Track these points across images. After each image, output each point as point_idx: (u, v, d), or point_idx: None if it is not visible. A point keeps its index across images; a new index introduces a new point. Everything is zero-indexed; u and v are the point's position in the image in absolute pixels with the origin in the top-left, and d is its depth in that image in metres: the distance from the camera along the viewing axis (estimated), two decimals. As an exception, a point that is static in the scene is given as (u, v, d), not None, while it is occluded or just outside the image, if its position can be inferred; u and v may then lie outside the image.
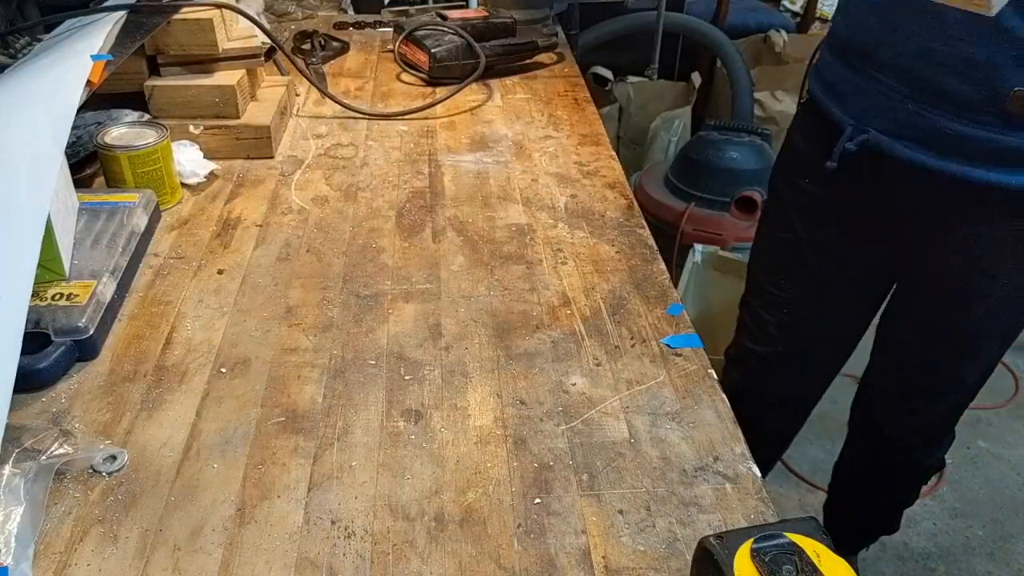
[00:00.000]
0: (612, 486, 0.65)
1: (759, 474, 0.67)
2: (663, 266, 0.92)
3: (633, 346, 0.79)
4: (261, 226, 0.99)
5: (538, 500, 0.63)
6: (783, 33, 2.71)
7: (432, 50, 1.38)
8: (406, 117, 1.29)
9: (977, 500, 1.88)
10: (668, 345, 0.79)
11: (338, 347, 0.79)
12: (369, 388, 0.74)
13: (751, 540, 0.51)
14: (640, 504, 0.63)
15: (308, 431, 0.69)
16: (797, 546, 0.51)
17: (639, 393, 0.74)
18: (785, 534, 0.52)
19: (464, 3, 1.78)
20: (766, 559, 0.50)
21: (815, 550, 0.51)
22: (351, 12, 1.82)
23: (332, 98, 1.29)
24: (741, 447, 0.69)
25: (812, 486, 1.91)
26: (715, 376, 0.76)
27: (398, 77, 1.46)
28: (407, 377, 0.75)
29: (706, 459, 0.68)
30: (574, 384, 0.74)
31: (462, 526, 0.61)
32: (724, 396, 0.74)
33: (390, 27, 1.63)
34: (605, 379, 0.75)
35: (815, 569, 0.50)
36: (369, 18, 1.75)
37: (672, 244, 1.98)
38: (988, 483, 1.92)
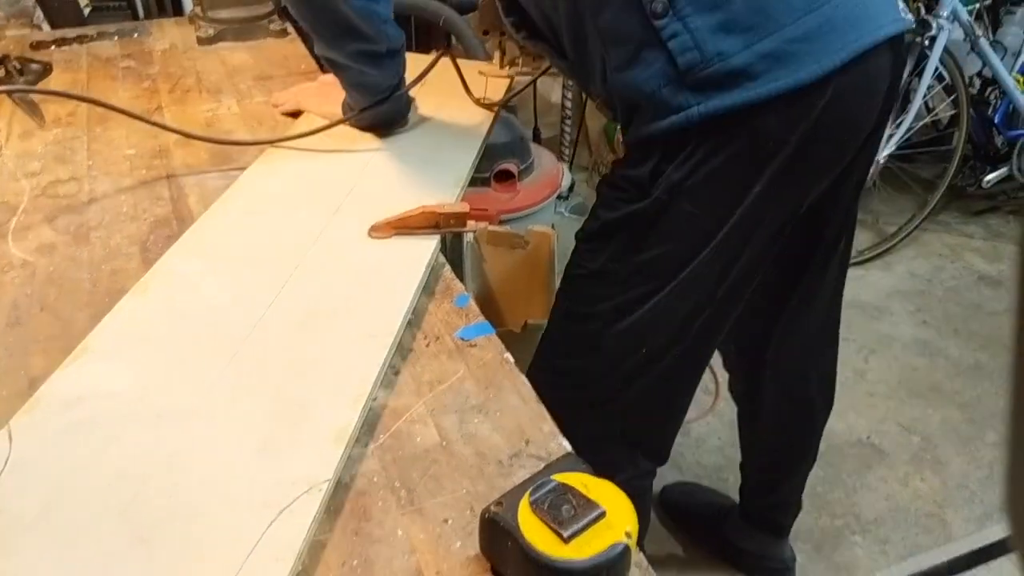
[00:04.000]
0: (432, 495, 0.63)
1: (570, 447, 0.68)
2: (441, 258, 0.90)
3: (428, 346, 0.78)
4: (-23, 290, 0.85)
5: (358, 532, 0.59)
6: (509, 5, 2.78)
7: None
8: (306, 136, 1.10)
9: (750, 410, 2.08)
10: (462, 338, 0.78)
11: (101, 413, 0.69)
12: (147, 452, 0.66)
13: (526, 495, 0.55)
14: (463, 507, 0.62)
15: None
16: (566, 484, 0.56)
17: (442, 393, 0.72)
18: (552, 477, 0.56)
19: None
20: (545, 507, 0.54)
21: (583, 482, 0.56)
22: (46, 28, 1.61)
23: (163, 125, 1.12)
24: (548, 425, 0.70)
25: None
26: (511, 360, 0.76)
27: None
28: (189, 430, 0.68)
29: (518, 445, 0.68)
30: (375, 398, 0.71)
31: (283, 580, 0.56)
32: (524, 378, 0.74)
33: (96, 40, 1.45)
34: (406, 386, 0.73)
35: (588, 500, 0.55)
36: (72, 33, 1.56)
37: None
38: (756, 392, 2.13)
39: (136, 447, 0.63)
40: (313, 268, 0.84)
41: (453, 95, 1.25)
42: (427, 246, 0.88)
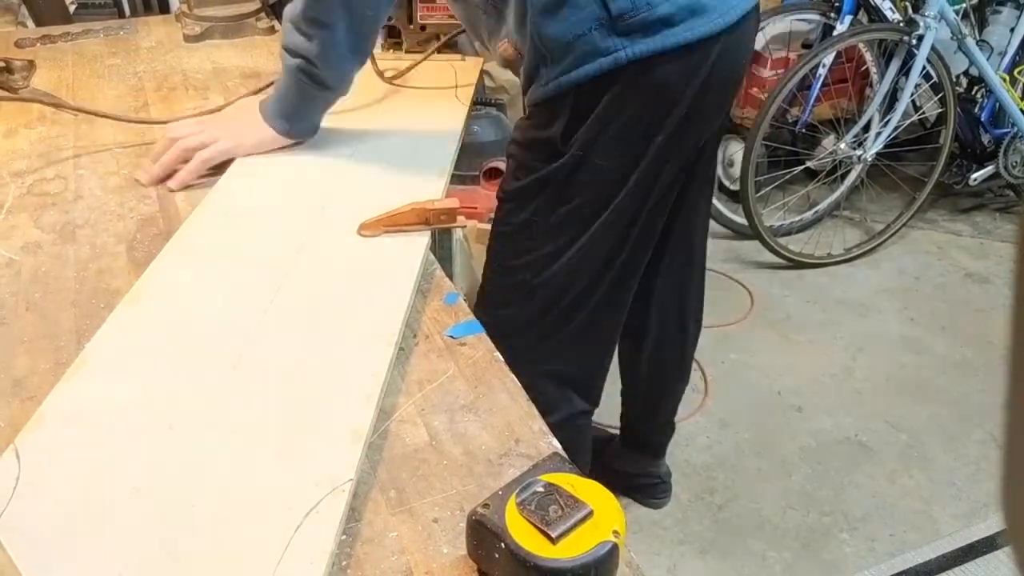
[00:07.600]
0: (422, 495, 0.63)
1: (559, 446, 0.68)
2: (431, 256, 0.90)
3: (417, 344, 0.77)
4: (-39, 290, 0.84)
5: (345, 534, 0.59)
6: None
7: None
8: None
9: (738, 407, 2.09)
10: (452, 336, 0.78)
11: (87, 414, 0.69)
12: (134, 452, 0.65)
13: (513, 496, 0.54)
14: (453, 507, 0.62)
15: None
16: (553, 485, 0.55)
17: (432, 392, 0.72)
18: (540, 478, 0.56)
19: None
20: (532, 507, 0.54)
21: (569, 482, 0.56)
22: (31, 25, 1.60)
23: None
24: (538, 423, 0.70)
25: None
26: (501, 358, 0.76)
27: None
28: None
29: (508, 444, 0.68)
30: (363, 398, 0.71)
31: (272, 581, 0.56)
32: (514, 376, 0.74)
33: (81, 38, 1.44)
34: (395, 385, 0.73)
35: (575, 499, 0.54)
36: (57, 30, 1.54)
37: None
38: (745, 390, 2.14)
39: (150, 459, 0.62)
40: (306, 269, 0.84)
41: (426, 89, 1.25)
42: (419, 243, 0.88)
